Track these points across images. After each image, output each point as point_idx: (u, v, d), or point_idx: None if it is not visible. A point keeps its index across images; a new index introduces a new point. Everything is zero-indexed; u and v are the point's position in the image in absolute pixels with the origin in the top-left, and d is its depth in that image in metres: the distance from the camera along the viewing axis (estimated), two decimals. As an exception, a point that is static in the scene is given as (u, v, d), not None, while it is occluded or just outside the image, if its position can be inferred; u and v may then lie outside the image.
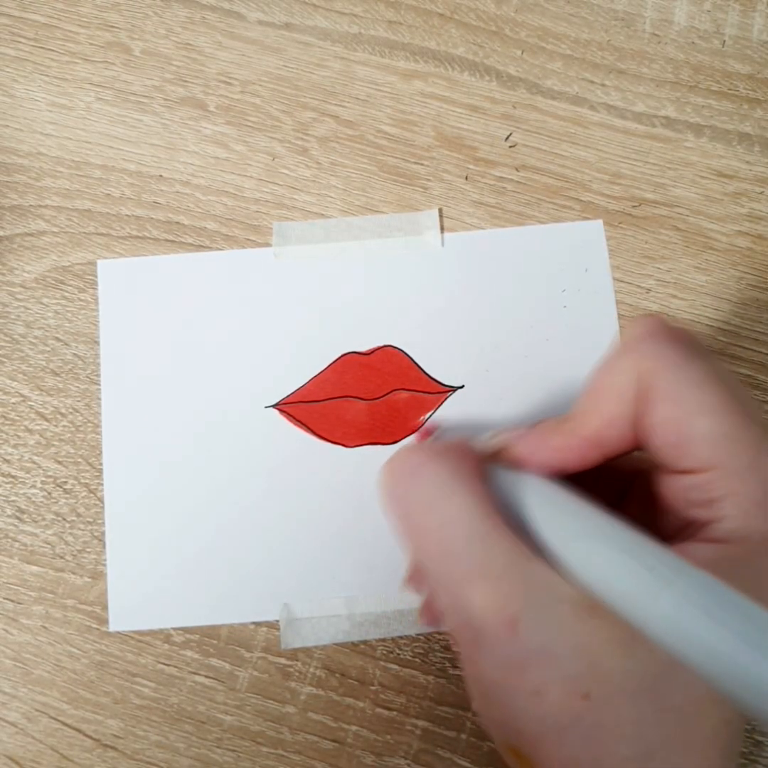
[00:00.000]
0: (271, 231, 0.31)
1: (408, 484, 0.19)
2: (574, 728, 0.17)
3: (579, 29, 0.33)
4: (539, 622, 0.17)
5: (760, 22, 0.33)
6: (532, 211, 0.31)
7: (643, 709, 0.16)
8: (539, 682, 0.17)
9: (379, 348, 0.30)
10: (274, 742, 0.27)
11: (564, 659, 0.17)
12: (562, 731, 0.17)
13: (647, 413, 0.18)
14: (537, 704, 0.17)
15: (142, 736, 0.27)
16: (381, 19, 0.33)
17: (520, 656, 0.17)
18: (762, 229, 0.31)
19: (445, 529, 0.18)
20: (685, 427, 0.18)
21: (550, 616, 0.17)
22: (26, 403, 0.30)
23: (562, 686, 0.17)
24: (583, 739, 0.17)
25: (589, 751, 0.17)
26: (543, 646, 0.17)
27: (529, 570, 0.17)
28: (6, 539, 0.29)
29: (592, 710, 0.16)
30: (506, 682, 0.17)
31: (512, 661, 0.17)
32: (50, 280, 0.31)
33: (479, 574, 0.17)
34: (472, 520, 0.18)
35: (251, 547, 0.28)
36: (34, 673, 0.28)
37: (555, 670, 0.17)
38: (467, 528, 0.18)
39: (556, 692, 0.17)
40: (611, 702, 0.16)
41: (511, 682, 0.17)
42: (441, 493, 0.18)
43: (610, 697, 0.16)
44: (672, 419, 0.18)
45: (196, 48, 0.33)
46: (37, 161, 0.32)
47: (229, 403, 0.29)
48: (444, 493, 0.18)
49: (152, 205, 0.31)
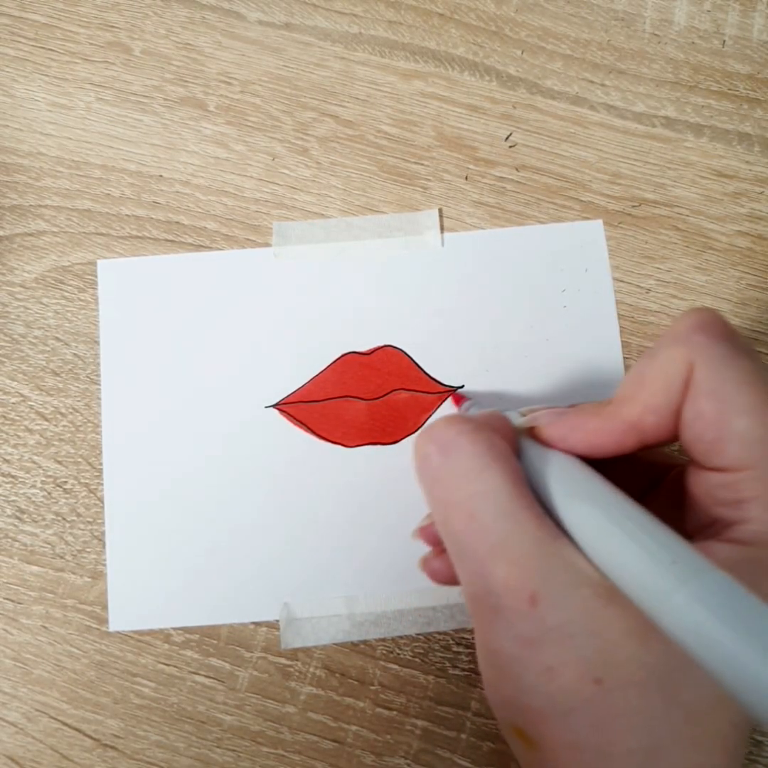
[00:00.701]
0: (271, 231, 0.31)
1: (444, 454, 0.19)
2: (582, 712, 0.17)
3: (579, 29, 0.33)
4: (559, 601, 0.17)
5: (760, 22, 0.33)
6: (532, 211, 0.31)
7: (653, 703, 0.16)
8: (553, 660, 0.17)
9: (379, 348, 0.30)
10: (274, 741, 0.27)
11: (580, 641, 0.17)
12: (570, 713, 0.17)
13: (688, 406, 0.18)
14: (548, 681, 0.17)
15: (142, 736, 0.27)
16: (381, 19, 0.33)
17: (537, 632, 0.17)
18: (762, 229, 0.31)
19: (475, 503, 0.18)
20: (723, 424, 0.18)
21: (570, 597, 0.17)
22: (26, 403, 0.30)
23: (576, 667, 0.17)
24: (591, 725, 0.17)
25: (594, 738, 0.17)
26: (560, 625, 0.17)
27: (553, 550, 0.17)
28: (6, 539, 0.29)
29: (603, 696, 0.16)
30: (520, 655, 0.17)
31: (529, 635, 0.17)
32: (50, 280, 0.31)
33: (504, 549, 0.18)
34: (502, 496, 0.18)
35: (251, 547, 0.28)
36: (34, 673, 0.28)
37: (570, 650, 0.17)
38: (497, 504, 0.18)
39: (569, 672, 0.17)
40: (622, 691, 0.16)
41: (525, 655, 0.17)
42: (475, 466, 0.18)
43: (621, 686, 0.16)
44: (711, 415, 0.18)
45: (196, 48, 0.33)
46: (37, 161, 0.32)
47: (229, 402, 0.29)
48: (478, 467, 0.18)
49: (152, 205, 0.31)
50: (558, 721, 0.17)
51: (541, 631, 0.17)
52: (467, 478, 0.18)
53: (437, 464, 0.19)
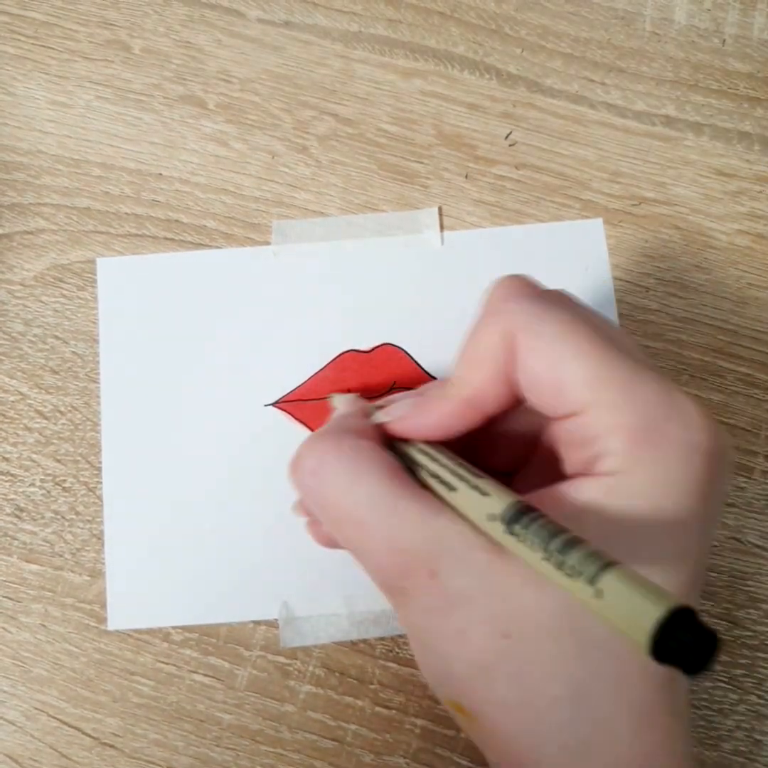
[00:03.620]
0: (270, 229, 0.31)
1: (316, 478, 0.20)
2: (498, 667, 0.17)
3: (579, 28, 0.33)
4: (454, 567, 0.18)
5: (761, 21, 0.33)
6: (532, 210, 0.31)
7: (566, 647, 0.17)
8: (461, 623, 0.18)
9: (379, 346, 0.30)
10: (273, 740, 0.27)
11: (481, 600, 0.17)
12: (488, 671, 0.17)
13: (519, 370, 0.19)
14: (462, 644, 0.18)
15: (141, 735, 0.27)
16: (381, 17, 0.33)
17: (442, 601, 0.18)
18: (762, 228, 0.31)
19: (357, 512, 0.19)
20: (555, 375, 0.18)
21: (464, 562, 0.18)
22: (25, 401, 0.30)
23: (483, 626, 0.17)
24: (510, 678, 0.17)
25: (517, 692, 0.17)
26: (462, 591, 0.18)
27: (439, 524, 0.18)
28: (5, 537, 0.29)
29: (514, 648, 0.17)
30: (432, 626, 0.18)
31: (435, 606, 0.18)
32: (49, 278, 0.31)
33: (395, 541, 0.18)
34: (378, 496, 0.19)
35: (250, 546, 0.28)
36: (32, 672, 0.28)
37: (474, 611, 0.17)
38: (375, 505, 0.19)
39: (478, 632, 0.17)
40: (531, 639, 0.17)
41: (436, 624, 0.18)
42: (346, 479, 0.19)
43: (529, 635, 0.17)
44: (542, 371, 0.18)
45: (196, 46, 0.33)
46: (36, 159, 0.32)
47: (228, 401, 0.29)
48: (349, 480, 0.19)
49: (151, 203, 0.31)
50: (480, 683, 0.18)
51: (445, 599, 0.18)
52: (343, 493, 0.19)
53: (314, 489, 0.20)
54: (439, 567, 0.18)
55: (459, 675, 0.18)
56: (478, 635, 0.17)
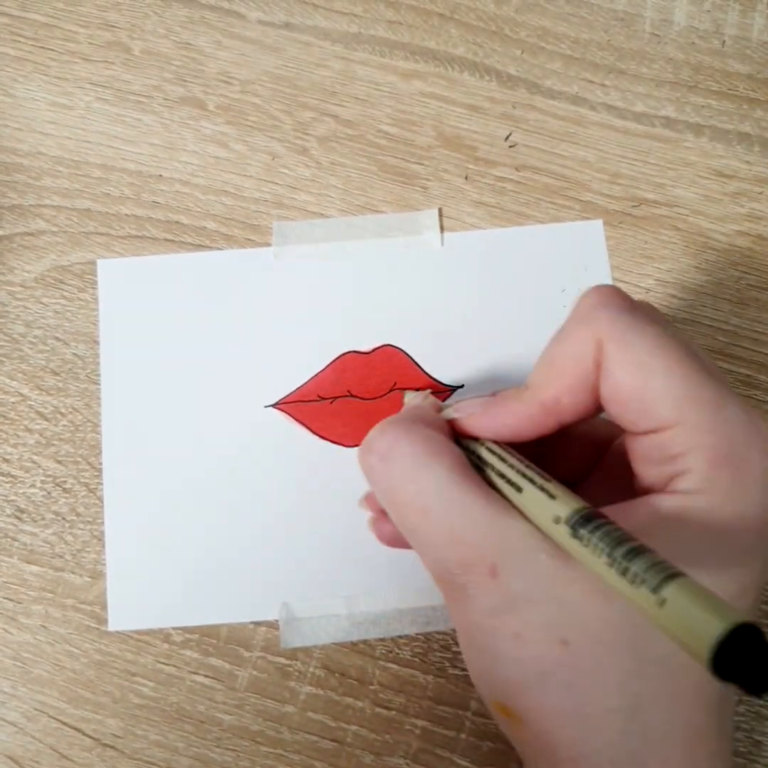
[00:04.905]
0: (270, 230, 0.31)
1: (385, 462, 0.20)
2: (554, 675, 0.17)
3: (579, 29, 0.33)
4: (517, 569, 0.18)
5: (760, 22, 0.33)
6: (532, 211, 0.31)
7: (624, 660, 0.17)
8: (519, 626, 0.17)
9: (379, 347, 0.30)
10: (273, 741, 0.27)
11: (542, 605, 0.17)
12: (543, 677, 0.17)
13: (604, 380, 0.19)
14: (518, 648, 0.17)
15: (142, 736, 0.27)
16: (381, 18, 0.33)
17: (501, 602, 0.18)
18: (762, 229, 0.31)
19: (423, 499, 0.19)
20: (642, 389, 0.18)
21: (528, 564, 0.18)
22: (26, 403, 0.30)
23: (541, 631, 0.17)
24: (566, 687, 0.17)
25: (571, 701, 0.17)
26: (522, 592, 0.17)
27: (504, 524, 0.18)
28: (5, 539, 0.29)
29: (571, 657, 0.17)
30: (489, 626, 0.18)
31: (494, 606, 0.18)
32: (50, 280, 0.31)
33: (459, 534, 0.18)
34: (446, 486, 0.19)
35: (251, 547, 0.28)
36: (33, 673, 0.28)
37: (534, 615, 0.17)
38: (443, 494, 0.19)
39: (536, 637, 0.17)
40: (590, 650, 0.17)
41: (493, 625, 0.18)
42: (416, 465, 0.19)
43: (588, 645, 0.17)
44: (629, 383, 0.18)
45: (196, 47, 0.33)
46: (36, 161, 0.32)
47: (228, 402, 0.29)
48: (418, 466, 0.19)
49: (152, 204, 0.31)
50: (534, 688, 0.17)
51: (505, 600, 0.18)
52: (411, 478, 0.19)
53: (382, 473, 0.20)
54: (501, 566, 0.18)
55: (512, 678, 0.18)
56: (536, 640, 0.17)
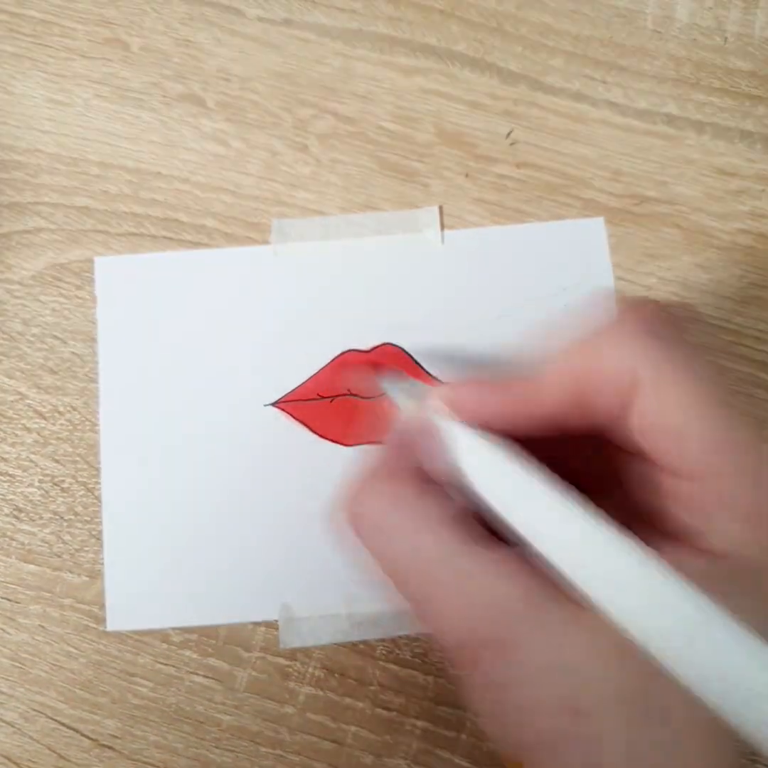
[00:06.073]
0: (270, 228, 0.31)
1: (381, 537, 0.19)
2: (567, 743, 0.17)
3: (580, 25, 0.33)
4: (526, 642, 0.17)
5: (762, 19, 0.33)
6: (533, 209, 0.31)
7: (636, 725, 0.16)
8: (531, 700, 0.17)
9: (379, 346, 0.30)
10: (272, 742, 0.27)
11: (553, 676, 0.17)
12: (555, 745, 0.17)
13: (640, 407, 0.18)
14: (531, 720, 0.17)
15: (140, 736, 0.27)
16: (381, 15, 0.33)
17: (513, 677, 0.17)
18: (764, 227, 0.31)
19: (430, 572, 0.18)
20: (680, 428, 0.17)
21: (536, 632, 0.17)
22: (24, 401, 0.29)
23: (553, 702, 0.17)
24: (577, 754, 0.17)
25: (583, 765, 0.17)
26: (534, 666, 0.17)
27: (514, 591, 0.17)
28: (3, 538, 0.28)
29: (582, 725, 0.17)
30: (500, 699, 0.18)
31: (506, 680, 0.17)
32: (48, 278, 0.30)
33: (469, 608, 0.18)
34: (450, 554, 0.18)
35: (250, 547, 0.28)
36: (31, 673, 0.27)
37: (545, 689, 0.17)
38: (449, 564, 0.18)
39: (548, 708, 0.17)
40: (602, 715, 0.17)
41: (505, 697, 0.18)
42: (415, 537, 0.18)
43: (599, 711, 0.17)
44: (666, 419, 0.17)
45: (195, 44, 0.32)
46: (34, 158, 0.31)
47: (227, 401, 0.29)
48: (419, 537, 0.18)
49: (150, 202, 0.31)
50: (546, 755, 0.17)
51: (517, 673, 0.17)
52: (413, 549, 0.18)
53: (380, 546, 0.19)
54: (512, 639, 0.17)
55: (525, 743, 0.18)
56: (548, 712, 0.17)
